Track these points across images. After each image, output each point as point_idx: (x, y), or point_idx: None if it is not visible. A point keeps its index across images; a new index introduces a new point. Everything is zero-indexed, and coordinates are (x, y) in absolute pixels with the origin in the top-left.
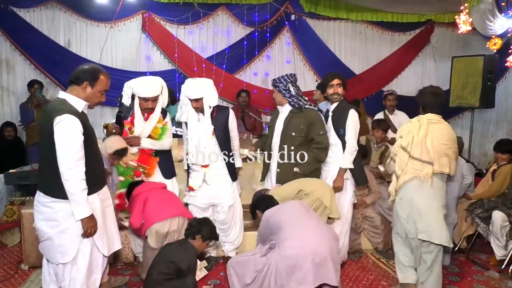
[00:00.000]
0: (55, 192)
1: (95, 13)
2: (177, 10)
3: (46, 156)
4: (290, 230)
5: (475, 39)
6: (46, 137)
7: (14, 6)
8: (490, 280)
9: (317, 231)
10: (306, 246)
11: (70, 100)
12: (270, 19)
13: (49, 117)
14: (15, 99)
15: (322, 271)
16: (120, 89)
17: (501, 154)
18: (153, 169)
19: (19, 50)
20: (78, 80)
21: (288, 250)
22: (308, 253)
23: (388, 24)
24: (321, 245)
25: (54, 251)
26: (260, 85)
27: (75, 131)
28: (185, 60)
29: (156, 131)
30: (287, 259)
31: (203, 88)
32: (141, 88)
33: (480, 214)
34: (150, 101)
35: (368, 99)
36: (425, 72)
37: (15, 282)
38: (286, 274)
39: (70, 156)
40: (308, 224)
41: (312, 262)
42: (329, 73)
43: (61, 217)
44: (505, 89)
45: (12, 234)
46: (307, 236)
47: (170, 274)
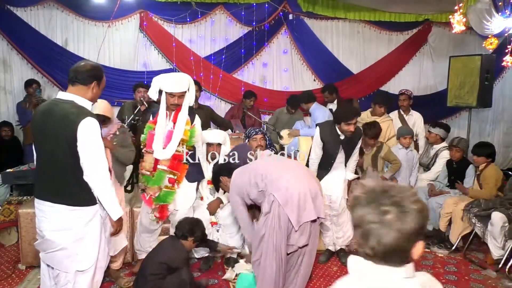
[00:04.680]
0: (72, 200)
1: (92, 12)
2: (175, 9)
3: (59, 162)
4: (277, 172)
5: (473, 39)
6: (60, 142)
7: (11, 5)
8: (487, 279)
9: (300, 169)
10: (301, 180)
11: (78, 102)
12: (268, 18)
13: (64, 121)
14: (12, 98)
15: (317, 204)
16: (117, 89)
17: (477, 157)
18: (183, 177)
19: (16, 49)
20: (86, 79)
21: (285, 189)
22: (305, 189)
23: (386, 24)
24: (311, 181)
25: (70, 260)
26: (258, 84)
27: (100, 135)
28: (183, 59)
29: (186, 133)
30: (285, 193)
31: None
32: (168, 82)
33: (477, 213)
34: (176, 97)
35: (366, 99)
36: (423, 72)
37: (12, 282)
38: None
39: (103, 160)
40: (290, 164)
41: (310, 197)
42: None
43: (77, 225)
44: (502, 89)
45: (9, 233)
46: (296, 173)
47: (162, 273)
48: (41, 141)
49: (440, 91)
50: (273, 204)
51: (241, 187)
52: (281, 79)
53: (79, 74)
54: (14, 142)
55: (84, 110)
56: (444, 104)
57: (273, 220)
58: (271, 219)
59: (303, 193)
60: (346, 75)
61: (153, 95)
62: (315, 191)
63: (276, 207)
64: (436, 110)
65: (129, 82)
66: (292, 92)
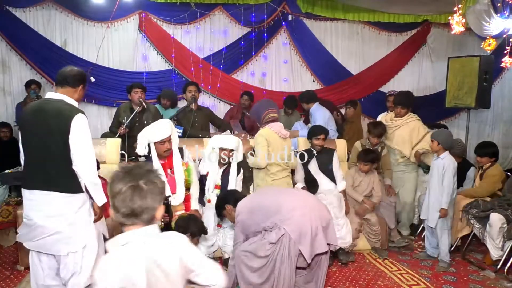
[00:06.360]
0: (65, 188)
1: (91, 13)
2: (174, 10)
3: (55, 153)
4: (287, 204)
5: (471, 40)
6: (56, 135)
7: (10, 5)
8: (486, 280)
9: (310, 198)
10: (311, 213)
11: (68, 101)
12: (267, 19)
13: (58, 116)
14: (11, 99)
15: (328, 233)
16: (116, 89)
17: (480, 157)
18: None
19: (15, 49)
20: (75, 83)
21: (296, 219)
22: (317, 222)
23: (385, 25)
24: (321, 209)
25: (62, 242)
26: (258, 85)
27: (88, 129)
28: (182, 60)
29: (185, 174)
30: (299, 228)
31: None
32: (154, 132)
33: (476, 215)
34: (166, 142)
35: (365, 99)
36: (422, 73)
37: (11, 282)
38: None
39: (91, 151)
40: (300, 196)
41: (321, 226)
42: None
43: (69, 211)
44: (501, 90)
45: (8, 234)
46: (305, 203)
47: None
48: (32, 135)
49: (439, 92)
50: (284, 238)
51: (250, 225)
52: (280, 80)
53: (68, 78)
54: (13, 143)
55: (75, 107)
56: (443, 105)
57: (284, 254)
58: (281, 253)
59: (315, 227)
60: (345, 76)
61: (142, 150)
62: (327, 220)
63: (287, 240)
64: (436, 111)
65: (128, 83)
66: (291, 93)
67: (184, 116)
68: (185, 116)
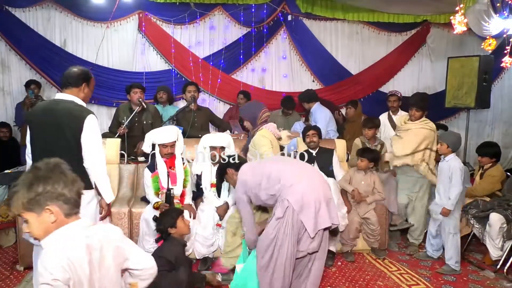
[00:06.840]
0: None
1: (91, 13)
2: (174, 10)
3: (66, 152)
4: (292, 178)
5: (471, 40)
6: (67, 134)
7: (9, 5)
8: (485, 280)
9: (315, 174)
10: (315, 186)
11: (77, 101)
12: (267, 19)
13: (70, 116)
14: (10, 99)
15: (330, 210)
16: (116, 89)
17: (480, 157)
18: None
19: (15, 50)
20: (77, 82)
21: (301, 196)
22: (320, 195)
23: (385, 25)
24: (325, 186)
25: None
26: (257, 85)
27: (99, 130)
28: (182, 60)
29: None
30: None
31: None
32: (159, 135)
33: (475, 215)
34: (168, 147)
35: (365, 99)
36: (421, 72)
37: (10, 283)
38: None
39: (101, 151)
40: (304, 168)
41: (324, 202)
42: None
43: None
44: (500, 90)
45: (7, 234)
46: (311, 179)
47: (162, 266)
48: (43, 135)
49: (439, 92)
50: (288, 210)
51: (251, 187)
52: (280, 80)
53: (70, 78)
54: (13, 143)
55: (85, 108)
56: (443, 105)
57: (287, 226)
58: (284, 225)
59: (318, 201)
60: (344, 76)
61: (147, 149)
62: (329, 197)
63: (290, 213)
64: (435, 111)
65: (127, 83)
66: (291, 93)
67: (183, 116)
68: (185, 116)
